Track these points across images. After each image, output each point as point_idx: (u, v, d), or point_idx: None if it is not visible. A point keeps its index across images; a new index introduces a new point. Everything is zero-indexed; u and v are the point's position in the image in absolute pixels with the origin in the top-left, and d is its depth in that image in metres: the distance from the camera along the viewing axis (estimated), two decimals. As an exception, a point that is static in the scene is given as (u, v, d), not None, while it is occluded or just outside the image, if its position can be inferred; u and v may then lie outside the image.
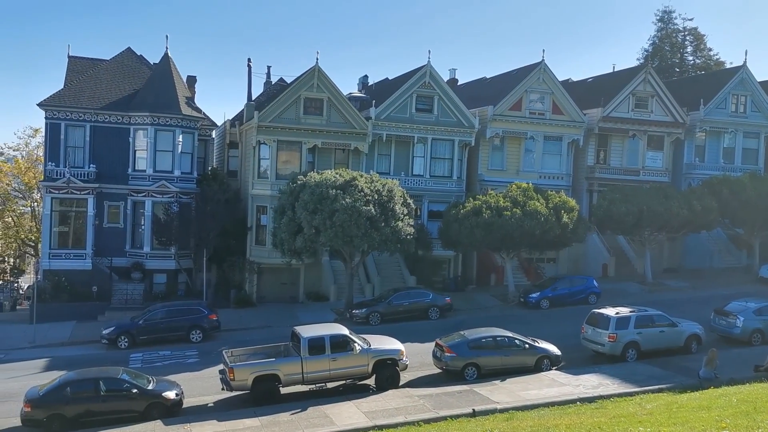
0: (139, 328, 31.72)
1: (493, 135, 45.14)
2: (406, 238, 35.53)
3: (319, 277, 42.28)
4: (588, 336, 27.30)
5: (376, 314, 34.80)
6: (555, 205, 37.76)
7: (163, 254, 41.71)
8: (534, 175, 44.88)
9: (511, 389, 22.74)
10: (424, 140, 44.03)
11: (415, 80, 43.75)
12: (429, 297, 36.19)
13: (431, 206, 44.28)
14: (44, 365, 28.23)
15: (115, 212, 42.28)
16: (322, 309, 38.10)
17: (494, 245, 38.27)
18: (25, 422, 20.54)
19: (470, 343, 24.70)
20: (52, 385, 21.18)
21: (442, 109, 44.18)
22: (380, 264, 42.34)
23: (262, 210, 41.50)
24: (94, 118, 41.80)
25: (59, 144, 41.38)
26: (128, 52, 47.24)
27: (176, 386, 22.31)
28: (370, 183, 35.17)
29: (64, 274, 39.97)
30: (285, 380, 22.43)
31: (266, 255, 40.91)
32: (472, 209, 37.52)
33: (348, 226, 33.34)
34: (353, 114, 42.30)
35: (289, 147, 41.53)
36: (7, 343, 32.96)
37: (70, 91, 42.67)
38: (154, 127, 41.53)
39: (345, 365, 22.92)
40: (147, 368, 26.54)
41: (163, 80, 43.15)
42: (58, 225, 41.47)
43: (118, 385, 21.38)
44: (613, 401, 20.98)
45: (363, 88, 56.18)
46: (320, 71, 41.27)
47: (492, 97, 46.90)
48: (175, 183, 41.70)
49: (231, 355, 23.14)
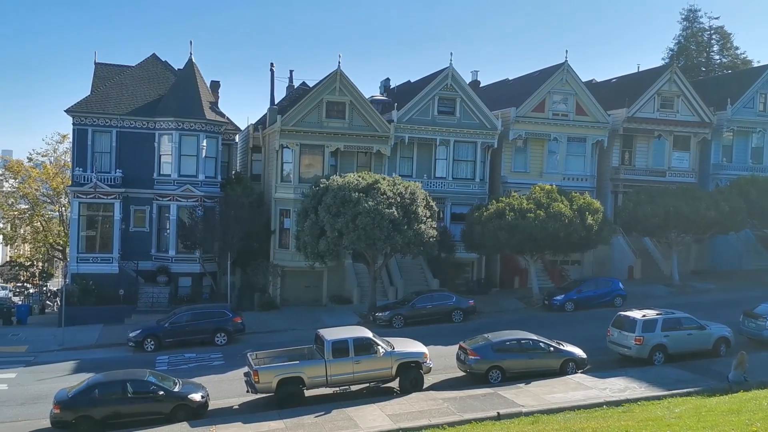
0: (165, 331, 32.03)
1: (516, 137, 44.90)
2: (428, 241, 35.46)
3: (342, 280, 42.34)
4: (614, 339, 27.00)
5: (400, 317, 34.77)
6: (579, 206, 37.45)
7: (188, 258, 42.10)
8: (558, 177, 44.55)
9: (536, 392, 22.56)
10: (446, 143, 43.94)
11: (437, 83, 43.69)
12: (452, 300, 36.07)
13: (454, 209, 44.15)
14: (73, 368, 28.62)
15: (141, 216, 42.80)
16: (346, 312, 38.17)
17: (518, 247, 38.04)
18: (55, 424, 20.83)
19: (494, 346, 24.56)
20: (80, 388, 21.45)
21: (465, 112, 44.06)
22: (403, 267, 42.30)
23: (286, 213, 41.70)
24: (120, 124, 42.37)
25: (86, 149, 41.99)
26: (153, 58, 47.84)
27: (202, 388, 22.49)
28: (392, 186, 35.18)
29: (91, 277, 40.53)
30: (309, 383, 22.49)
31: (290, 258, 41.08)
32: (496, 211, 37.36)
33: (371, 228, 33.37)
34: (375, 117, 42.35)
35: (311, 150, 41.69)
36: (36, 346, 33.51)
37: (97, 97, 43.29)
38: (178, 132, 41.96)
39: (368, 368, 22.92)
40: (173, 371, 26.79)
41: (187, 85, 43.59)
42: (85, 229, 42.08)
43: (145, 388, 21.60)
44: (641, 405, 20.76)
45: (385, 92, 56.21)
46: (342, 75, 41.39)
47: (514, 98, 46.66)
48: (199, 187, 42.08)
49: (255, 358, 23.28)
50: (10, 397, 24.59)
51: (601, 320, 30.57)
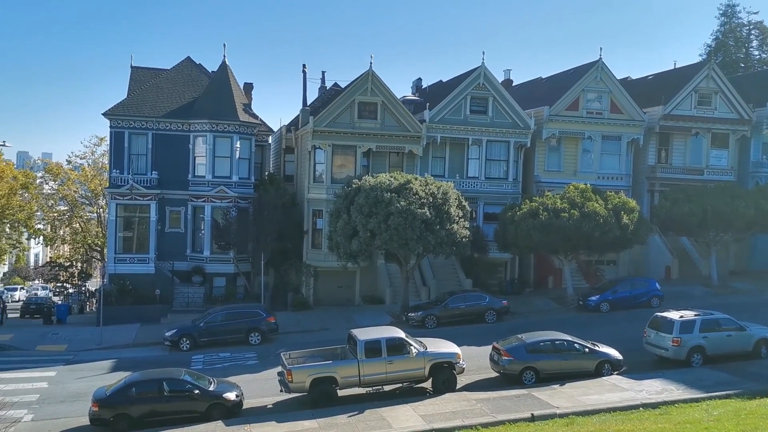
0: (200, 331, 32.42)
1: (550, 136, 44.47)
2: (461, 241, 35.33)
3: (375, 280, 42.41)
4: (651, 340, 26.57)
5: (432, 317, 34.69)
6: (614, 206, 36.96)
7: (222, 258, 42.58)
8: (592, 176, 44.00)
9: (571, 394, 22.32)
10: (478, 142, 43.72)
11: (469, 82, 43.49)
12: (485, 300, 35.87)
13: (487, 208, 43.91)
14: (111, 366, 29.13)
15: (176, 217, 43.43)
16: (378, 312, 38.21)
17: (552, 247, 37.70)
18: (93, 421, 21.22)
19: (528, 346, 24.35)
20: (118, 386, 21.82)
21: (497, 111, 43.80)
22: (436, 267, 42.20)
23: (318, 214, 41.91)
24: (155, 126, 43.06)
25: (123, 152, 42.77)
26: (188, 61, 48.52)
27: (236, 387, 22.70)
28: (424, 186, 35.13)
29: (128, 277, 41.28)
30: (342, 382, 22.56)
31: (322, 258, 41.28)
32: (529, 211, 37.06)
33: (403, 229, 33.36)
34: (407, 117, 42.33)
35: (344, 151, 41.84)
36: (76, 345, 34.21)
37: (133, 100, 44.05)
38: (212, 134, 42.47)
39: (401, 368, 22.90)
40: (208, 370, 27.10)
41: (221, 88, 44.11)
42: (122, 230, 42.90)
43: (181, 386, 21.87)
44: (678, 407, 20.42)
45: (417, 91, 56.18)
46: (374, 75, 41.46)
47: (548, 97, 46.24)
48: (233, 188, 42.54)
49: (289, 358, 23.43)
50: (50, 394, 25.14)
51: (638, 321, 30.14)
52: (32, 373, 28.08)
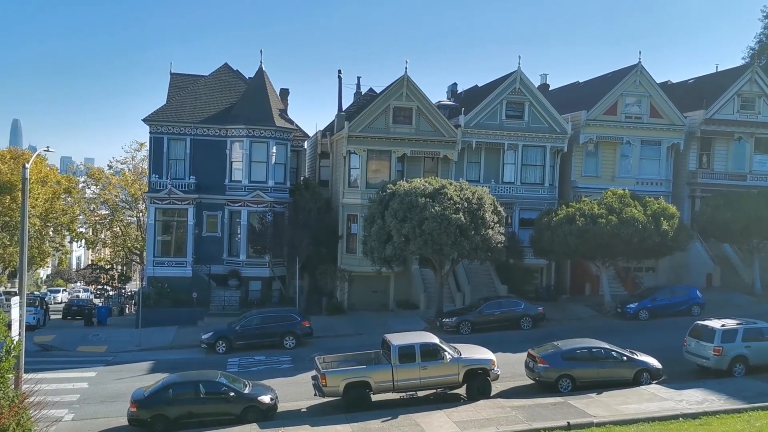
0: (236, 334, 32.73)
1: (587, 140, 43.93)
2: (496, 247, 35.09)
3: (409, 285, 42.35)
4: (691, 349, 26.01)
5: (467, 323, 34.49)
6: (654, 212, 36.34)
7: (258, 262, 42.97)
8: (631, 181, 43.34)
9: (608, 403, 21.95)
10: (514, 147, 43.41)
11: (504, 87, 43.23)
12: (521, 306, 35.56)
13: (522, 214, 43.56)
14: (149, 368, 29.59)
15: (213, 221, 43.98)
16: (412, 317, 38.13)
17: (589, 254, 37.21)
18: (131, 422, 21.56)
19: (564, 354, 24.05)
20: (155, 387, 22.15)
21: (533, 115, 43.44)
22: (470, 272, 41.98)
23: (353, 219, 42.03)
24: (193, 132, 43.71)
25: (162, 157, 43.52)
26: (225, 67, 49.20)
27: (271, 391, 22.85)
28: (459, 191, 34.99)
29: (166, 280, 41.93)
30: (376, 387, 22.55)
31: (357, 263, 41.38)
32: (566, 217, 36.64)
33: (437, 234, 33.27)
34: (442, 122, 42.25)
35: (378, 156, 41.91)
36: (115, 346, 34.87)
37: (172, 106, 44.81)
38: (249, 139, 42.95)
39: (435, 374, 22.81)
40: (243, 373, 27.33)
41: (258, 94, 44.60)
42: (161, 234, 43.59)
43: (217, 389, 22.10)
44: (719, 418, 19.95)
45: (452, 96, 56.04)
46: (409, 80, 41.49)
47: (585, 101, 45.70)
48: (269, 193, 42.94)
49: (323, 362, 23.49)
50: (90, 395, 25.63)
51: (677, 329, 29.57)
52: (73, 374, 28.67)
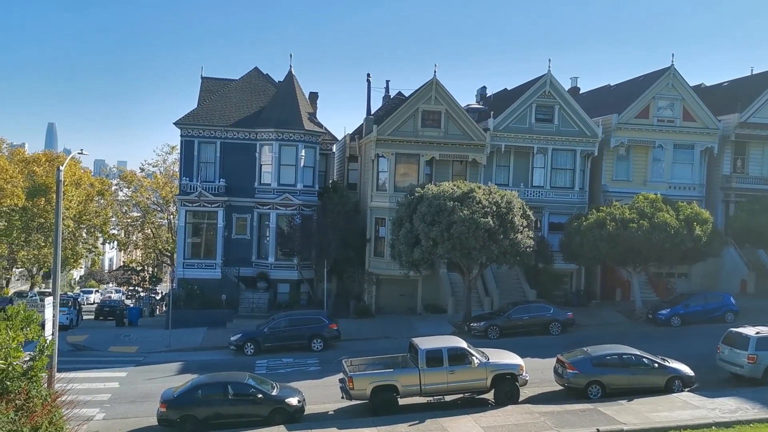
0: (264, 336, 32.91)
1: (618, 144, 43.40)
2: (525, 251, 34.83)
3: (437, 289, 42.22)
4: (724, 357, 25.48)
5: (495, 328, 34.26)
6: (686, 216, 35.74)
7: (286, 265, 43.21)
8: (663, 186, 42.72)
9: (639, 410, 21.61)
10: (544, 151, 43.07)
11: (534, 90, 42.93)
12: (550, 311, 35.21)
13: (552, 218, 43.19)
14: (178, 368, 29.89)
15: (243, 224, 44.34)
16: (440, 321, 38.00)
17: (619, 259, 36.73)
18: (161, 422, 21.77)
19: (594, 360, 23.74)
20: (185, 388, 22.34)
21: (563, 119, 43.06)
22: (499, 277, 41.71)
23: (381, 222, 42.05)
24: (223, 135, 44.14)
25: (193, 160, 44.02)
26: (255, 71, 49.60)
27: (298, 393, 22.91)
28: (488, 194, 34.80)
29: (196, 282, 42.36)
30: (403, 391, 22.48)
31: (384, 266, 41.38)
32: (596, 221, 36.23)
33: (466, 238, 33.12)
34: (471, 125, 42.08)
35: (407, 159, 41.88)
36: (146, 347, 35.30)
37: (203, 110, 45.30)
38: (278, 143, 43.23)
39: (463, 378, 22.66)
40: (271, 374, 27.43)
41: (287, 97, 44.89)
42: (191, 236, 44.08)
43: (245, 390, 22.22)
44: (753, 427, 19.57)
45: (481, 100, 55.81)
46: (438, 84, 41.42)
47: (616, 104, 45.18)
48: (297, 196, 43.16)
49: (350, 365, 23.49)
50: (121, 394, 25.97)
51: (710, 336, 28.97)
52: (104, 373, 29.08)
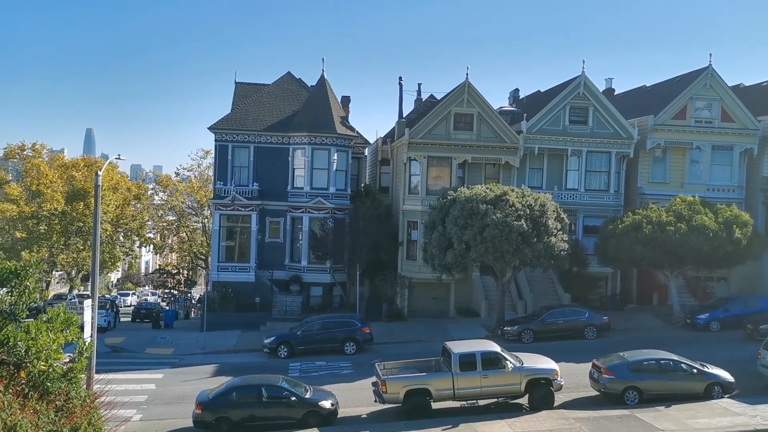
0: (298, 339, 33.08)
1: (654, 146, 42.69)
2: (559, 254, 34.45)
3: (470, 292, 41.98)
4: (766, 362, 24.87)
5: (529, 332, 33.96)
6: (725, 219, 35.03)
7: (319, 268, 43.37)
8: (701, 188, 41.89)
9: (678, 416, 21.21)
10: (578, 153, 42.57)
11: (568, 91, 42.47)
12: (585, 315, 34.80)
13: (586, 221, 42.64)
14: (213, 371, 30.21)
15: (276, 228, 44.65)
16: (473, 325, 37.78)
17: (656, 262, 36.11)
18: (196, 423, 22.02)
19: (631, 365, 23.39)
20: (219, 390, 22.58)
21: (598, 120, 42.52)
22: (532, 280, 41.31)
23: (413, 225, 41.98)
24: (257, 140, 44.52)
25: (227, 164, 44.48)
26: (288, 76, 49.96)
27: (331, 396, 22.97)
28: (521, 197, 34.52)
29: (230, 285, 42.74)
30: (436, 395, 22.40)
31: (417, 270, 41.27)
32: (632, 224, 35.71)
33: (499, 241, 32.88)
34: (504, 128, 41.80)
35: (439, 162, 41.78)
36: (181, 349, 35.75)
37: (237, 114, 45.77)
38: (311, 147, 43.46)
39: (496, 383, 22.51)
40: (304, 377, 27.58)
41: (320, 101, 45.11)
42: (225, 240, 44.52)
43: (279, 393, 22.38)
44: (798, 436, 19.00)
45: (514, 102, 55.42)
46: (470, 86, 41.24)
47: (652, 106, 44.45)
48: (330, 199, 43.32)
49: (383, 368, 23.49)
50: (157, 396, 26.34)
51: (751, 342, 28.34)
52: (141, 375, 29.53)
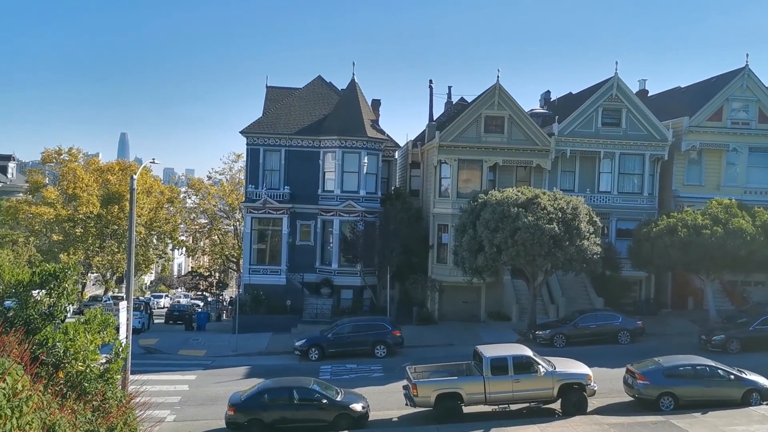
0: (328, 342, 33.21)
1: (689, 148, 41.99)
2: (592, 258, 34.07)
3: (501, 296, 41.72)
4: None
5: (561, 336, 33.62)
6: (763, 222, 34.30)
7: (349, 271, 43.48)
8: (738, 191, 41.10)
9: (714, 423, 20.80)
10: (611, 155, 42.06)
11: (601, 93, 42.01)
12: (618, 320, 34.34)
13: (620, 224, 42.12)
14: (245, 372, 30.46)
15: (306, 230, 44.87)
16: (504, 329, 37.52)
17: (692, 266, 35.52)
18: (229, 425, 22.19)
19: (666, 370, 23.01)
20: (251, 392, 22.73)
21: (631, 122, 41.98)
22: (564, 284, 40.90)
23: (443, 228, 41.88)
24: (288, 143, 44.83)
25: (258, 168, 44.85)
26: (318, 80, 50.23)
27: (362, 399, 22.98)
28: (553, 200, 34.22)
29: (261, 288, 43.05)
30: (467, 399, 22.27)
31: (447, 273, 41.15)
32: (666, 227, 35.16)
33: (530, 244, 32.63)
34: (535, 130, 41.50)
35: (469, 165, 41.62)
36: (213, 351, 36.12)
37: (268, 118, 46.15)
38: (341, 150, 43.62)
39: (528, 387, 22.30)
40: (335, 380, 27.66)
41: (350, 105, 45.27)
42: (256, 242, 44.87)
43: (310, 395, 22.45)
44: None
45: (545, 104, 54.96)
46: (501, 89, 41.03)
47: (687, 107, 43.73)
48: (360, 203, 43.42)
49: (414, 372, 23.44)
50: (190, 397, 26.63)
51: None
52: (175, 376, 29.90)
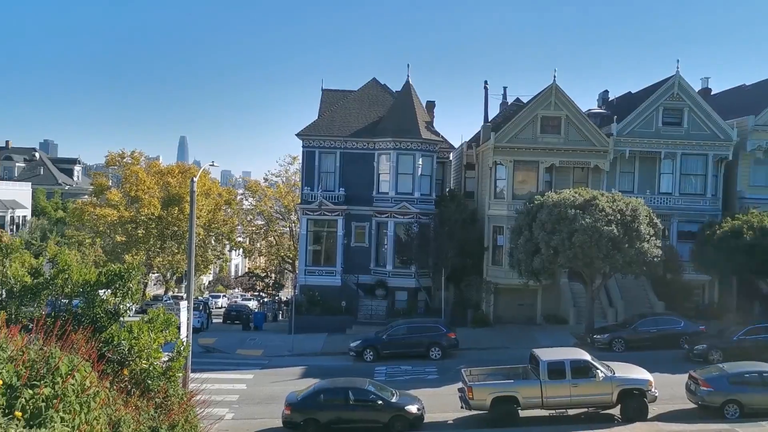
0: (383, 343, 33.35)
1: (756, 148, 40.56)
2: (652, 261, 33.25)
3: (558, 299, 41.10)
4: None
5: (620, 340, 32.90)
6: (836, 224, 32.86)
7: (404, 273, 43.54)
8: (807, 191, 39.51)
9: (783, 434, 20.04)
10: (672, 156, 40.98)
11: (661, 92, 40.98)
12: (680, 325, 33.43)
13: (681, 226, 40.99)
14: (300, 372, 30.85)
15: (361, 232, 45.11)
16: (561, 332, 36.95)
17: (758, 270, 34.29)
18: (285, 424, 22.53)
19: (731, 377, 22.29)
20: (308, 392, 23.01)
21: (693, 122, 40.81)
22: (624, 287, 39.99)
23: (499, 230, 41.52)
24: (343, 145, 45.20)
25: (314, 170, 45.35)
26: (373, 82, 50.47)
27: (417, 401, 22.99)
28: (611, 202, 33.55)
29: (317, 289, 43.52)
30: (524, 403, 22.05)
31: (503, 275, 40.79)
32: (731, 230, 34.07)
33: (588, 247, 32.05)
34: (592, 131, 40.76)
35: (525, 167, 41.17)
36: (270, 351, 36.69)
37: (323, 121, 46.64)
38: (396, 152, 43.72)
39: (586, 392, 21.94)
40: (390, 381, 27.74)
41: (404, 107, 45.34)
42: (312, 244, 45.38)
43: (365, 396, 22.59)
44: None
45: (603, 104, 53.92)
46: (557, 89, 40.46)
47: (752, 105, 42.25)
48: (415, 204, 43.43)
49: (470, 374, 23.32)
50: (248, 396, 27.14)
51: None
52: (233, 375, 30.51)
